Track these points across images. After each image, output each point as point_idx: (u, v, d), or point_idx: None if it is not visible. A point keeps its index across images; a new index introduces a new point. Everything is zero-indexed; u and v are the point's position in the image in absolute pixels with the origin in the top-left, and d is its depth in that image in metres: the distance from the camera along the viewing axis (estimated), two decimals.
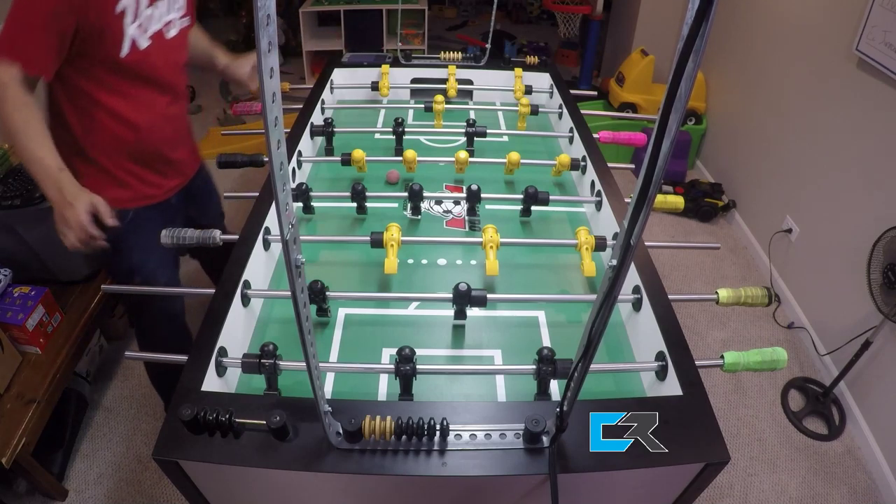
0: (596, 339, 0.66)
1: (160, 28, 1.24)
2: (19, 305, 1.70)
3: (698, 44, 0.42)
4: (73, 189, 1.17)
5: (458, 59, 2.11)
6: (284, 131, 0.55)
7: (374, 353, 1.12)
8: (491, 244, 1.26)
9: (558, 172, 1.65)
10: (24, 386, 1.67)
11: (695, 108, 3.38)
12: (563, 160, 1.59)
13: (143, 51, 1.22)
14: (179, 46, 1.35)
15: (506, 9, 6.01)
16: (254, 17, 0.44)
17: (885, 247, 1.77)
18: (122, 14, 1.15)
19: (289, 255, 0.61)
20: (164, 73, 1.31)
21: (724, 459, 0.84)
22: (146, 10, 1.19)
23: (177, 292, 1.28)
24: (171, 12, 1.27)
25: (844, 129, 2.19)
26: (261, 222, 1.30)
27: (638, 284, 1.17)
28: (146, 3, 1.19)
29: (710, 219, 3.10)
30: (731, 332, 2.45)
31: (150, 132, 1.33)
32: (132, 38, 1.19)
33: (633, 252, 0.56)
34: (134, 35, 1.19)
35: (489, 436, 0.85)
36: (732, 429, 2.05)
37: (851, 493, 1.87)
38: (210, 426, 0.82)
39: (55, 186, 1.16)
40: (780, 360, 1.01)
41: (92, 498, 1.79)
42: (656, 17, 3.63)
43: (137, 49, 1.20)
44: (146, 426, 1.99)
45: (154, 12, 1.21)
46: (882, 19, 1.91)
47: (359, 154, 1.57)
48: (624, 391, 1.08)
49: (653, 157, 0.50)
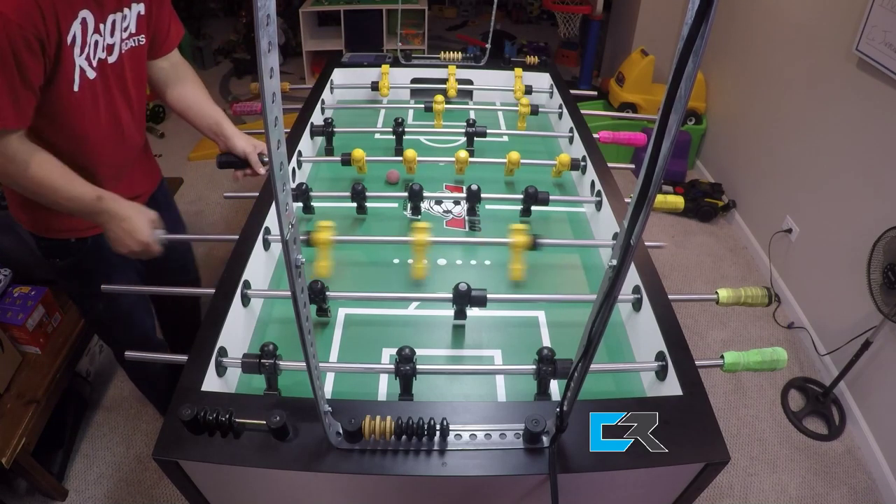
0: (596, 339, 0.66)
1: (104, 56, 1.12)
2: (19, 305, 1.70)
3: (698, 44, 0.42)
4: (116, 207, 1.15)
5: (458, 59, 2.11)
6: (284, 131, 0.55)
7: (374, 353, 1.12)
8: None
9: (558, 173, 1.65)
10: (24, 386, 1.67)
11: (695, 108, 3.38)
12: (564, 160, 1.59)
13: (93, 80, 1.11)
14: (130, 68, 1.21)
15: (506, 9, 6.01)
16: (254, 17, 0.44)
17: (885, 247, 1.77)
18: (72, 44, 1.04)
19: (289, 255, 0.61)
20: (115, 99, 1.20)
21: (724, 459, 0.84)
22: (92, 36, 1.07)
23: (177, 292, 1.27)
24: (115, 35, 1.14)
25: (844, 129, 2.19)
26: (261, 222, 1.30)
27: (638, 284, 1.17)
28: (92, 29, 1.07)
29: (710, 219, 3.10)
30: (731, 332, 2.45)
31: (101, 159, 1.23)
32: (80, 69, 1.08)
33: (633, 252, 0.56)
34: (82, 65, 1.08)
35: (489, 436, 0.85)
36: (732, 429, 2.05)
37: (851, 493, 1.87)
38: (210, 426, 0.82)
39: (100, 213, 1.14)
40: (780, 360, 1.01)
41: (92, 498, 1.79)
42: (656, 17, 3.63)
43: (87, 79, 1.10)
44: (146, 426, 1.99)
45: (98, 39, 1.09)
46: (882, 19, 1.91)
47: (359, 154, 1.56)
48: (624, 391, 1.08)
49: (653, 157, 0.50)
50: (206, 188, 3.27)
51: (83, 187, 1.12)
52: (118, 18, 1.13)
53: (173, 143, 3.68)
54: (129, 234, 1.15)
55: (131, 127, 1.27)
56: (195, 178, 3.30)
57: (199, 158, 3.51)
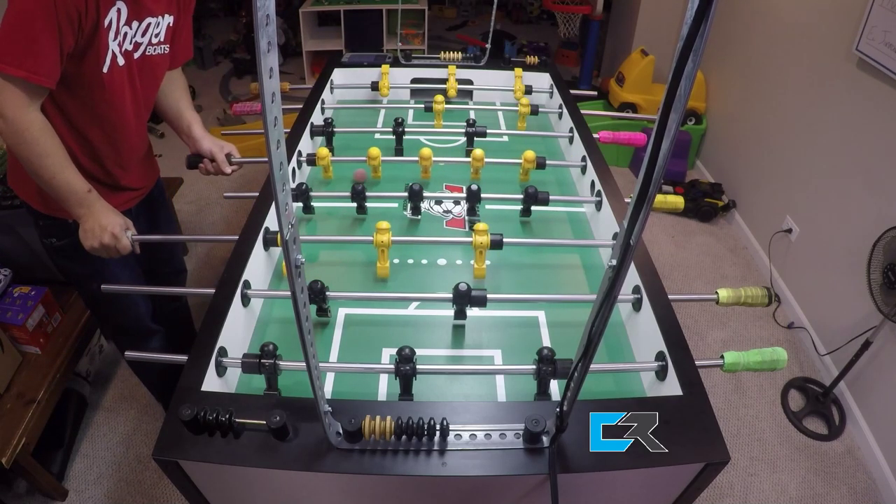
0: (596, 339, 0.66)
1: (130, 49, 1.21)
2: (19, 305, 1.70)
3: (698, 44, 0.42)
4: (99, 204, 1.22)
5: (458, 59, 2.11)
6: (284, 131, 0.54)
7: (374, 353, 1.12)
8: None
9: (525, 173, 1.63)
10: (24, 386, 1.67)
11: (695, 108, 3.38)
12: (529, 157, 1.57)
13: (121, 67, 1.20)
14: (150, 71, 1.30)
15: (506, 9, 6.01)
16: (253, 17, 0.44)
17: (885, 247, 1.77)
18: (108, 27, 1.12)
19: (289, 255, 0.61)
20: (137, 91, 1.28)
21: (724, 459, 0.84)
22: (123, 27, 1.16)
23: (177, 292, 1.28)
24: (145, 36, 1.23)
25: (844, 129, 2.19)
26: (261, 222, 1.30)
27: (638, 284, 1.17)
28: (124, 20, 1.16)
29: (710, 219, 3.10)
30: (731, 332, 2.45)
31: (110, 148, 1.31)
32: (113, 53, 1.16)
33: (633, 252, 0.56)
34: (115, 50, 1.16)
35: (489, 436, 0.84)
36: (732, 429, 2.05)
37: (851, 493, 1.87)
38: (210, 426, 0.82)
39: (83, 205, 1.20)
40: (780, 360, 1.01)
41: (92, 498, 1.79)
42: (656, 17, 3.63)
43: (117, 65, 1.18)
44: (146, 426, 1.99)
45: (128, 31, 1.18)
46: (882, 19, 1.91)
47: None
48: (624, 391, 1.08)
49: (653, 157, 0.50)
50: (206, 188, 3.26)
51: (78, 177, 1.19)
52: (153, 23, 1.23)
53: (173, 143, 3.66)
54: (103, 229, 1.21)
55: (139, 125, 1.36)
56: (195, 177, 3.28)
57: None
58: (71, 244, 1.33)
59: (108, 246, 1.23)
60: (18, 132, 1.09)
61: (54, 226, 1.34)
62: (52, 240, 1.38)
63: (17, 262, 1.82)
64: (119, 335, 1.71)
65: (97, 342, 2.14)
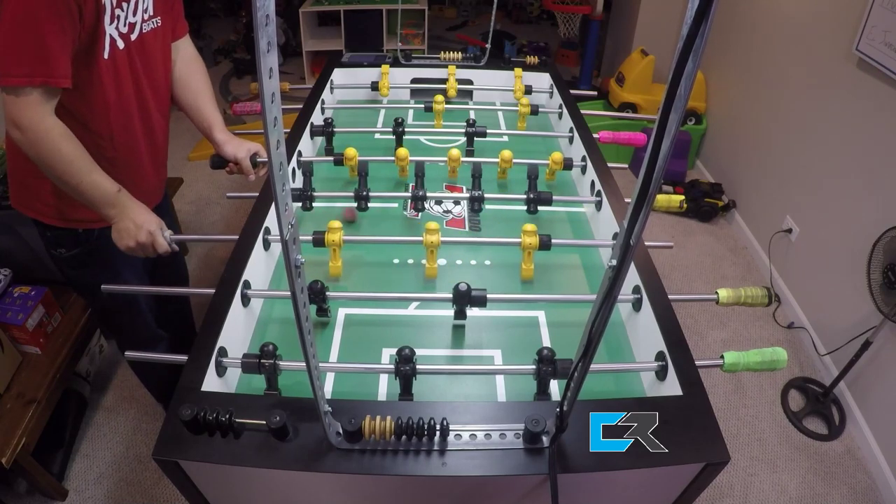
0: (596, 339, 0.66)
1: (125, 31, 1.16)
2: (19, 305, 1.70)
3: (698, 43, 0.42)
4: (132, 203, 1.18)
5: (458, 59, 2.11)
6: (284, 131, 0.55)
7: (374, 353, 1.12)
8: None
9: (552, 174, 1.64)
10: (24, 386, 1.67)
11: (695, 108, 3.38)
12: (557, 158, 1.58)
13: (121, 51, 1.15)
14: (151, 49, 1.25)
15: (506, 9, 6.01)
16: (253, 17, 0.44)
17: (885, 247, 1.77)
18: (104, 10, 1.07)
19: (289, 255, 0.61)
20: (140, 77, 1.23)
21: (724, 459, 0.84)
22: (116, 9, 1.11)
23: (177, 292, 1.28)
24: (136, 15, 1.17)
25: (844, 129, 2.19)
26: (261, 222, 1.30)
27: (638, 284, 1.17)
28: (116, 2, 1.10)
29: (710, 219, 3.10)
30: (731, 332, 2.45)
31: (122, 143, 1.25)
32: (111, 37, 1.11)
33: (633, 252, 0.56)
34: (113, 34, 1.11)
35: (489, 436, 0.84)
36: (732, 429, 2.05)
37: (851, 493, 1.87)
38: (210, 426, 0.82)
39: (115, 205, 1.16)
40: (780, 360, 1.01)
41: (92, 498, 1.79)
42: (656, 17, 3.63)
43: (117, 49, 1.13)
44: (146, 426, 1.99)
45: (121, 14, 1.13)
46: (882, 19, 1.91)
47: (351, 152, 1.54)
48: (624, 391, 1.08)
49: (653, 157, 0.49)
50: (206, 188, 3.27)
51: (105, 177, 1.14)
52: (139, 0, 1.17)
53: (173, 143, 3.61)
54: (138, 227, 1.17)
55: (155, 110, 1.30)
56: (195, 178, 3.30)
57: (199, 158, 3.51)
58: (81, 254, 1.32)
59: (144, 244, 1.18)
60: (38, 141, 1.05)
61: (62, 236, 1.31)
62: (60, 250, 1.34)
63: (17, 262, 1.82)
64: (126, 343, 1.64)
65: (97, 342, 2.14)
